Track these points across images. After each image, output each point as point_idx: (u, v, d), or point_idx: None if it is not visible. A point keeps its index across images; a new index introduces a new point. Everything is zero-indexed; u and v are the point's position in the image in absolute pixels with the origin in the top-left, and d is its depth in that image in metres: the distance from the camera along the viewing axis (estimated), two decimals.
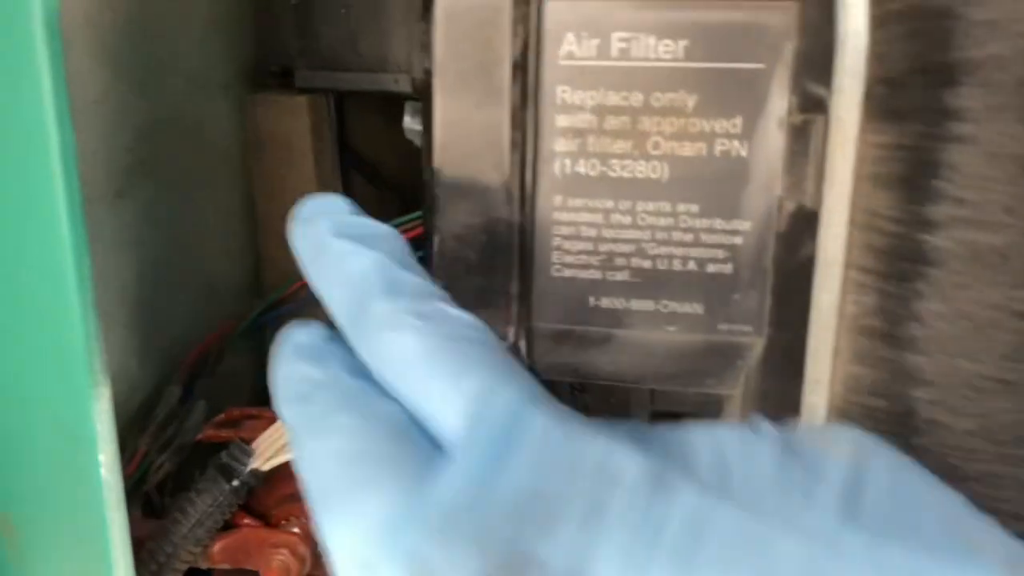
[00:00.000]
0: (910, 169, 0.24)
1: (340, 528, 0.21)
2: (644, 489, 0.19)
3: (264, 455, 0.39)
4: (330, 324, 0.26)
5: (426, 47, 0.28)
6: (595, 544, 0.18)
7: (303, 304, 0.51)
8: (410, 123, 0.33)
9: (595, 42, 0.27)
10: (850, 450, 0.20)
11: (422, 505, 0.20)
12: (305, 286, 0.51)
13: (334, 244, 0.26)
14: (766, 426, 0.21)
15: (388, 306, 0.23)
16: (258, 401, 0.52)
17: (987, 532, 0.20)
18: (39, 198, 0.27)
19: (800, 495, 0.19)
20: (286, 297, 0.50)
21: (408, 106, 0.33)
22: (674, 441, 0.21)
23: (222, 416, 0.43)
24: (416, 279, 0.25)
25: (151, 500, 0.43)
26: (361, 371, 0.24)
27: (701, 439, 0.21)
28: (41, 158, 0.27)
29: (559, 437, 0.20)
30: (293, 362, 0.25)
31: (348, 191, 0.53)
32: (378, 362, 0.23)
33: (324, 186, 0.50)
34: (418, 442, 0.22)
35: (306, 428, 0.23)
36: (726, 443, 0.20)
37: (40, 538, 0.32)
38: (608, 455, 0.19)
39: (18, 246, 0.28)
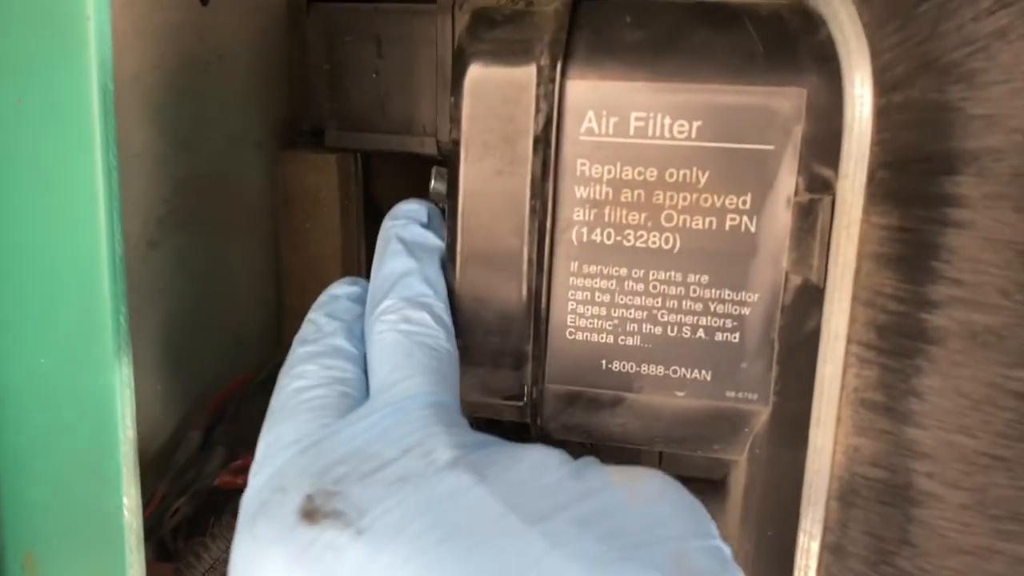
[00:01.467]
0: (911, 250, 0.25)
1: (260, 443, 0.27)
2: (443, 472, 0.24)
3: None
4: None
5: (455, 119, 0.30)
6: (382, 499, 0.23)
7: None
8: (436, 186, 0.34)
9: (614, 120, 0.28)
10: (629, 475, 0.25)
11: (309, 437, 0.26)
12: None
13: (393, 243, 0.31)
14: (577, 458, 0.25)
15: (389, 304, 0.29)
16: None
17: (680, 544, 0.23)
18: (82, 247, 0.29)
19: (547, 500, 0.23)
20: None
21: (435, 171, 0.34)
22: (503, 451, 0.25)
23: (239, 462, 0.44)
24: (425, 289, 0.30)
25: (165, 544, 0.44)
26: (354, 337, 0.30)
27: (506, 453, 0.25)
28: (87, 210, 0.28)
29: (416, 426, 0.25)
30: (317, 308, 0.32)
31: (370, 246, 0.54)
32: (368, 341, 0.29)
33: (348, 240, 0.51)
34: (345, 401, 0.27)
35: (289, 364, 0.29)
36: (522, 460, 0.25)
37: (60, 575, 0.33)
38: (436, 446, 0.24)
39: (58, 291, 0.30)
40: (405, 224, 0.32)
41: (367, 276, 0.54)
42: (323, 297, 0.33)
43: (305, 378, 0.28)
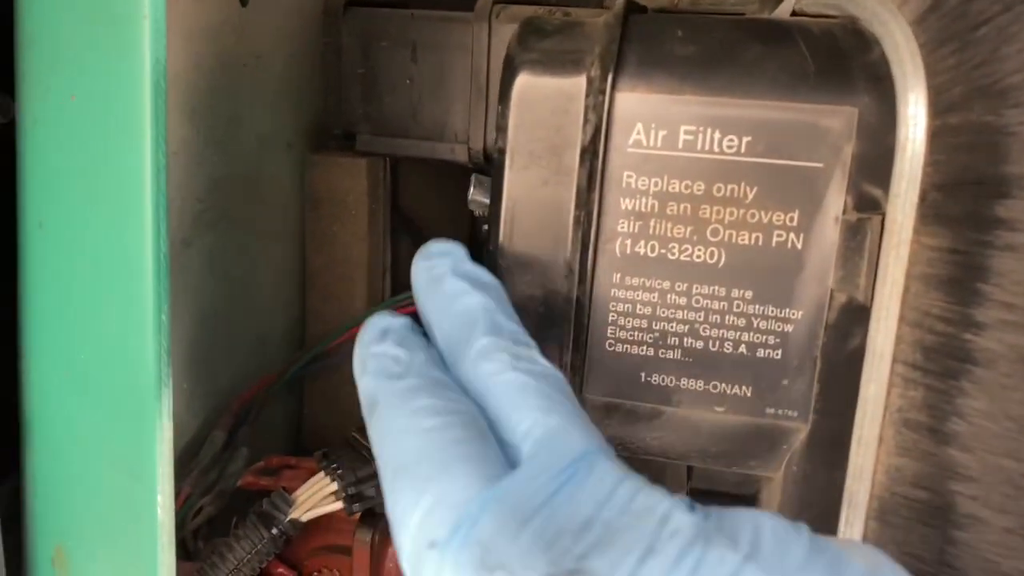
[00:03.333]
0: (961, 272, 0.25)
1: (412, 503, 0.22)
2: (697, 544, 0.20)
3: (304, 506, 0.39)
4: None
5: (501, 127, 0.30)
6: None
7: (345, 357, 0.52)
8: (475, 195, 0.34)
9: (662, 133, 0.29)
10: (868, 560, 0.22)
11: (496, 500, 0.21)
12: (347, 341, 0.52)
13: (450, 281, 0.28)
14: (800, 524, 0.22)
15: (489, 342, 0.26)
16: (296, 450, 0.53)
17: None
18: (128, 244, 0.29)
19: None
20: (329, 350, 0.52)
21: (474, 178, 0.34)
22: (722, 516, 0.22)
23: (262, 463, 0.44)
24: (514, 326, 0.27)
25: (186, 544, 0.44)
26: (442, 368, 0.27)
27: (743, 519, 0.22)
28: (134, 207, 0.29)
29: (630, 486, 0.22)
30: (381, 342, 0.27)
31: (396, 251, 0.54)
32: (472, 385, 0.26)
33: (374, 245, 0.51)
34: (492, 445, 0.23)
35: (391, 403, 0.25)
36: (764, 527, 0.22)
37: (91, 572, 0.33)
38: (671, 510, 0.21)
39: (102, 287, 0.30)
40: (451, 262, 0.29)
41: (392, 283, 0.54)
42: (372, 331, 0.28)
43: (430, 416, 0.24)
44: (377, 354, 0.27)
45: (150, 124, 0.28)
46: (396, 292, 0.54)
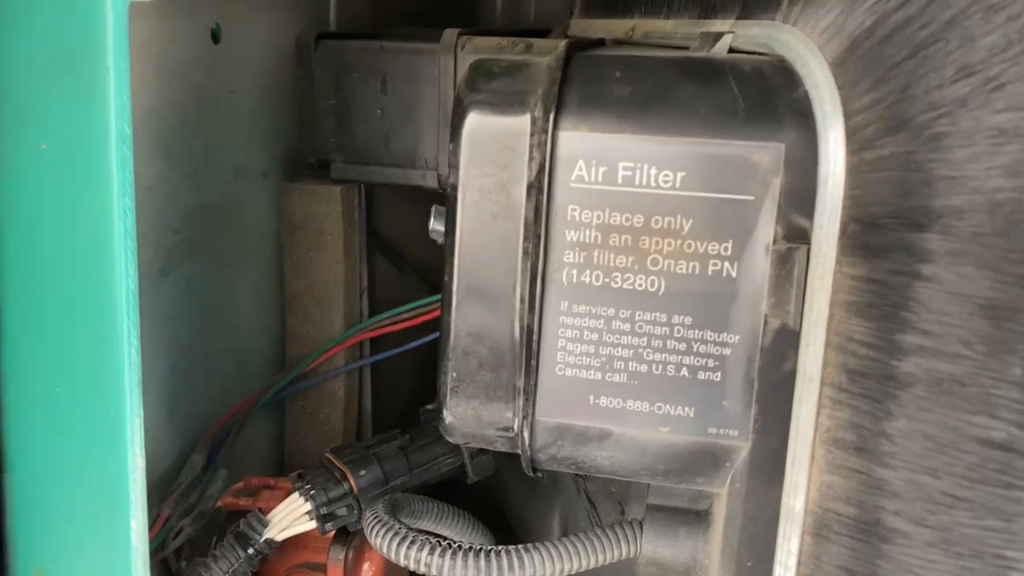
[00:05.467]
0: (880, 300, 0.27)
1: None
2: None
3: (279, 526, 0.41)
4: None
5: (453, 165, 0.31)
6: None
7: (325, 377, 0.54)
8: (435, 225, 0.36)
9: (603, 169, 0.30)
10: None
11: None
12: (326, 362, 0.53)
13: None
14: None
15: None
16: (277, 468, 0.54)
17: None
18: (98, 282, 0.31)
19: None
20: (308, 371, 0.53)
21: (434, 210, 0.36)
22: None
23: (241, 484, 0.45)
24: None
25: (167, 564, 0.45)
26: None
27: None
28: (103, 248, 0.30)
29: None
30: None
31: (372, 272, 0.56)
32: None
33: (350, 268, 0.53)
34: None
35: None
36: None
37: None
38: None
39: (75, 323, 0.31)
40: None
41: (368, 300, 0.55)
42: None
43: None
44: None
45: (116, 170, 0.29)
46: (373, 312, 0.56)
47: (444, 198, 0.36)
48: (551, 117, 0.30)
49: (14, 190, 0.31)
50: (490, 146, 0.31)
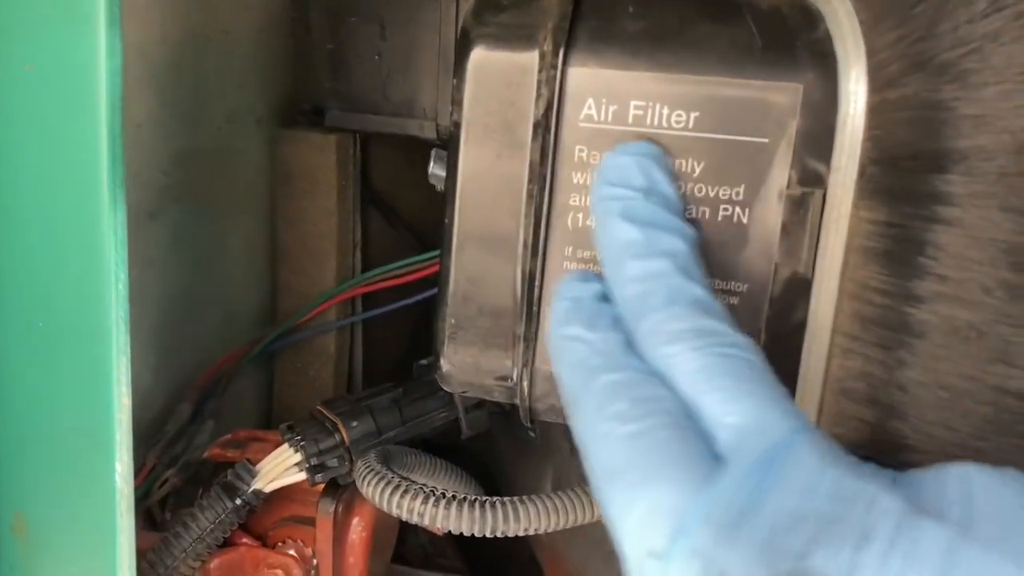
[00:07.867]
0: (898, 246, 0.26)
1: (628, 513, 0.22)
2: (907, 523, 0.20)
3: (267, 477, 0.40)
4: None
5: (456, 101, 0.30)
6: (864, 565, 0.20)
7: (315, 332, 0.53)
8: (435, 169, 0.35)
9: (613, 108, 0.29)
10: None
11: (709, 504, 0.21)
12: (317, 316, 0.52)
13: (623, 230, 0.26)
14: (1012, 471, 0.22)
15: (666, 317, 0.24)
16: (264, 424, 0.53)
17: None
18: (85, 214, 0.29)
19: None
20: (299, 325, 0.52)
21: (434, 153, 0.35)
22: (925, 481, 0.22)
23: (229, 436, 0.44)
24: (696, 290, 0.25)
25: (152, 514, 0.44)
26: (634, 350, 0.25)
27: (951, 480, 0.22)
28: (91, 178, 0.29)
29: (833, 471, 0.21)
30: (571, 322, 0.26)
31: (366, 227, 0.55)
32: (656, 365, 0.24)
33: (344, 220, 0.52)
34: (695, 442, 0.22)
35: (590, 405, 0.24)
36: (974, 482, 0.21)
37: (50, 539, 0.33)
38: (878, 492, 0.21)
39: (60, 256, 0.30)
40: (625, 198, 0.27)
41: (363, 257, 0.54)
42: (562, 304, 0.27)
43: (632, 421, 0.23)
44: (569, 341, 0.26)
45: (106, 95, 0.28)
46: (367, 267, 0.55)
47: (444, 145, 0.35)
48: (560, 52, 0.29)
49: None
50: (496, 82, 0.30)
